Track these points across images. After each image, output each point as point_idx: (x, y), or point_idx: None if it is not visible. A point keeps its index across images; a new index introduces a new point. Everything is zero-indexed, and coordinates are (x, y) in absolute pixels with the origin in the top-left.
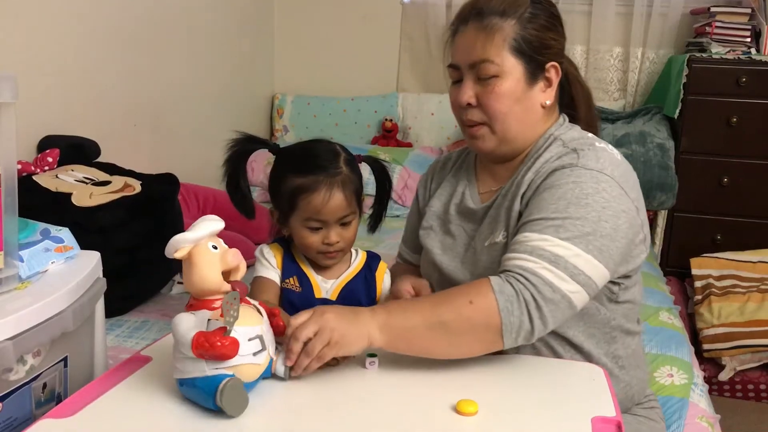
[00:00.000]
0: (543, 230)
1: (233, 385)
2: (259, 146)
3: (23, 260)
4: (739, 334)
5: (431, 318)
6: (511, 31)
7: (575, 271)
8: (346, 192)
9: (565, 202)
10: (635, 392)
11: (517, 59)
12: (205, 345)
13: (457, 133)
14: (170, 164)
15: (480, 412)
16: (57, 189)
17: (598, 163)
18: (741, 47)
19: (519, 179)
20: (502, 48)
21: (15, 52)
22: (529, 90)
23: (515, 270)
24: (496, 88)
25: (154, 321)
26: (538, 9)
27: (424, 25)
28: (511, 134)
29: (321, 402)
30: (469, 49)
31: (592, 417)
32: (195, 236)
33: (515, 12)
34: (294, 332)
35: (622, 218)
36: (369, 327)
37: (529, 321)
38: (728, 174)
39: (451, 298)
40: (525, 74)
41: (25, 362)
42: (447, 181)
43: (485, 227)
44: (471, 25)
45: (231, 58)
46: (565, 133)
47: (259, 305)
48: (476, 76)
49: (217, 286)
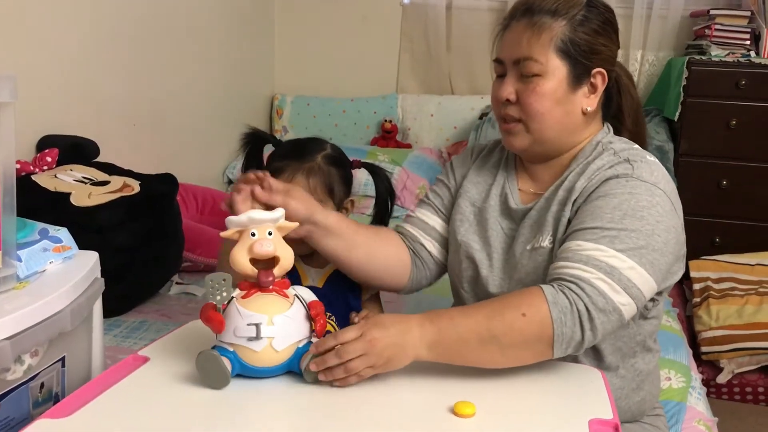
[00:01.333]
0: (598, 240)
1: (206, 356)
2: (268, 140)
3: (21, 260)
4: (737, 336)
5: (483, 333)
6: (560, 32)
7: (629, 283)
8: (311, 180)
9: (620, 213)
10: (647, 406)
11: (562, 60)
12: (201, 314)
13: (456, 135)
14: (169, 164)
15: (477, 414)
16: (56, 189)
17: (652, 177)
18: (740, 50)
19: (569, 185)
20: (548, 47)
21: (14, 51)
22: (571, 93)
23: (569, 279)
24: (537, 87)
25: (153, 321)
26: (592, 13)
27: (424, 26)
28: (546, 135)
29: (318, 403)
30: (514, 45)
31: (589, 419)
32: (237, 221)
33: (567, 13)
34: (339, 350)
35: (671, 234)
36: (417, 349)
37: (581, 332)
38: (727, 177)
39: (503, 311)
40: (568, 77)
41: (22, 362)
42: (487, 170)
43: (526, 229)
44: (520, 21)
45: (231, 59)
46: (614, 142)
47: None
48: (519, 72)
49: (241, 268)
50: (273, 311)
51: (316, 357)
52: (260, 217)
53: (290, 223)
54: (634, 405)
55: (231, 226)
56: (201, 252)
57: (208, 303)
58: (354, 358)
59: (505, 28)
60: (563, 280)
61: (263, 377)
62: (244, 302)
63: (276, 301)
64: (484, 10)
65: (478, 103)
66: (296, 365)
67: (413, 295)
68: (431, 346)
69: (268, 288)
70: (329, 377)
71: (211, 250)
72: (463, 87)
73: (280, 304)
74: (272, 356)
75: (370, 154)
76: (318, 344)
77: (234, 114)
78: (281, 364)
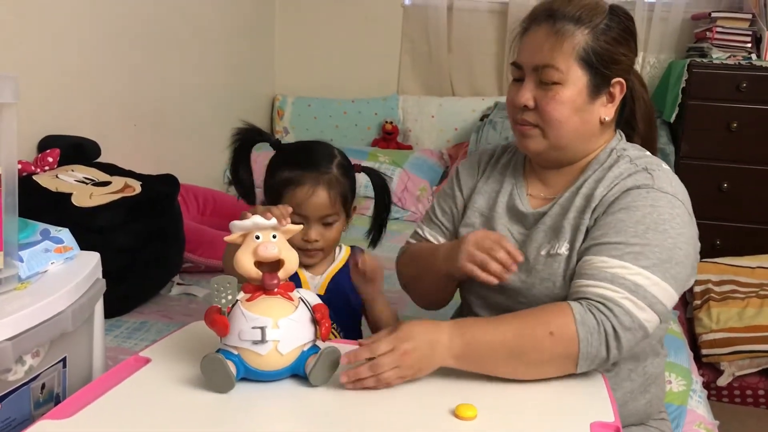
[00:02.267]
0: (623, 257)
1: (211, 359)
2: (262, 138)
3: (23, 260)
4: (737, 339)
5: (511, 349)
6: (582, 40)
7: (654, 300)
8: (331, 192)
9: (643, 227)
10: (654, 409)
11: (583, 70)
12: (206, 318)
13: (457, 136)
14: (170, 165)
15: (479, 416)
16: (57, 189)
17: (671, 187)
18: (741, 52)
19: (587, 192)
20: (570, 56)
21: (16, 52)
22: (590, 103)
23: (596, 299)
24: (556, 96)
25: (153, 322)
26: (614, 21)
27: (425, 27)
28: (563, 142)
29: (322, 406)
30: (535, 51)
31: (591, 422)
32: (242, 225)
33: (590, 21)
34: (372, 365)
35: (691, 245)
36: (445, 360)
37: (606, 351)
38: (728, 179)
39: (531, 328)
40: (588, 86)
41: (24, 363)
42: (493, 177)
43: (539, 234)
44: (542, 26)
45: (231, 59)
46: (628, 149)
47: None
48: (538, 79)
49: (246, 271)
50: (278, 314)
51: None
52: (265, 223)
53: (294, 226)
54: (641, 407)
55: (235, 231)
56: (202, 253)
57: (212, 306)
58: (387, 370)
59: (525, 32)
60: (590, 300)
61: (268, 380)
62: (249, 305)
63: (281, 304)
64: (485, 12)
65: (479, 105)
66: (301, 368)
67: None
68: (458, 358)
69: (272, 291)
70: (358, 386)
71: (212, 251)
72: (464, 88)
73: (285, 307)
74: (277, 360)
75: (371, 155)
76: (350, 356)
77: (235, 115)
78: (286, 368)
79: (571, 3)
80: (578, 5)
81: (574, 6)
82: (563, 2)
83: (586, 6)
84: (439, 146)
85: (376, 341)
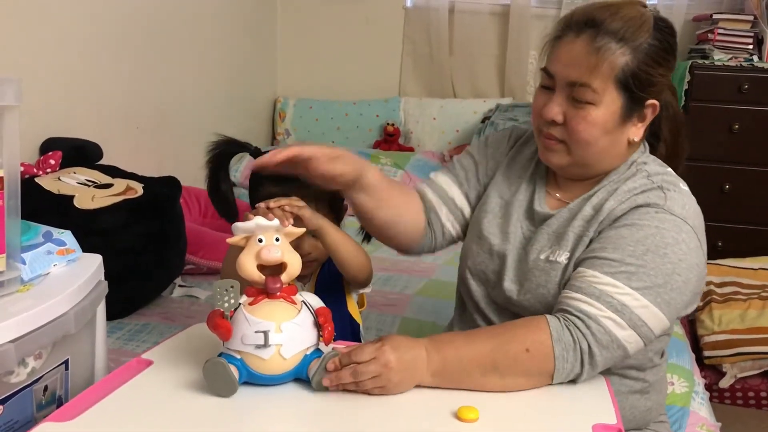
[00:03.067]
0: (615, 275)
1: (213, 364)
2: (239, 149)
3: (25, 263)
4: (739, 341)
5: (486, 365)
6: (623, 62)
7: (639, 322)
8: (319, 204)
9: (643, 248)
10: (654, 415)
11: (619, 92)
12: (208, 322)
13: (458, 138)
14: (172, 167)
15: (481, 419)
16: (59, 191)
17: (683, 210)
18: (743, 54)
19: (598, 203)
20: (608, 78)
21: (18, 54)
22: (621, 125)
23: (577, 313)
24: (588, 116)
25: (155, 324)
26: (657, 39)
27: (427, 29)
28: (587, 161)
29: (324, 410)
30: (571, 65)
31: (593, 424)
32: (244, 227)
33: (634, 41)
34: (354, 371)
35: (693, 272)
36: (423, 376)
37: (581, 367)
38: (730, 181)
39: (507, 344)
40: (622, 109)
41: (26, 365)
42: (520, 163)
43: (543, 236)
44: (581, 38)
45: (233, 62)
46: (648, 163)
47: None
48: (570, 94)
49: (248, 275)
50: (281, 318)
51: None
52: (268, 224)
53: (297, 229)
54: (640, 414)
55: (238, 233)
56: (204, 255)
57: (215, 310)
58: (366, 379)
59: (561, 38)
60: (571, 314)
61: (270, 385)
62: (252, 309)
63: (284, 307)
64: (486, 14)
65: (481, 107)
66: (304, 372)
67: (416, 297)
68: (435, 374)
69: (275, 295)
70: (339, 388)
71: (213, 253)
72: (465, 90)
73: (288, 310)
74: (280, 364)
75: (372, 157)
76: (333, 361)
77: (237, 117)
78: (289, 372)
79: (616, 14)
80: (623, 18)
81: (618, 19)
82: (607, 12)
83: (631, 20)
84: (441, 148)
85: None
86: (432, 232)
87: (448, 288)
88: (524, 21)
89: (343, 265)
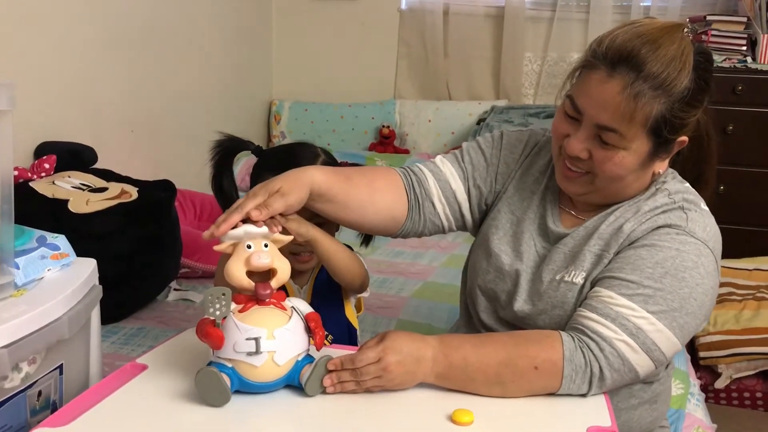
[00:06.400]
0: (632, 297)
1: (205, 374)
2: (242, 147)
3: (19, 268)
4: (735, 341)
5: (492, 377)
6: (658, 111)
7: (653, 347)
8: None
9: (662, 270)
10: (657, 424)
11: (649, 137)
12: (197, 331)
13: (453, 140)
14: (167, 170)
15: (476, 422)
16: (54, 195)
17: (704, 233)
18: (737, 55)
19: (617, 223)
20: (640, 127)
21: (12, 58)
22: (649, 163)
23: (592, 335)
24: (615, 157)
25: (151, 328)
26: (695, 81)
27: (422, 32)
28: (610, 192)
29: (318, 415)
30: (601, 107)
31: (588, 427)
32: (233, 234)
33: (672, 88)
34: (355, 372)
35: (709, 295)
36: (427, 377)
37: (588, 387)
38: (724, 182)
39: (516, 359)
40: (650, 151)
41: (20, 370)
42: (533, 175)
43: (558, 256)
44: (616, 79)
45: (228, 65)
46: (668, 182)
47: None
48: (597, 134)
49: (238, 281)
50: (273, 324)
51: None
52: (256, 231)
53: (285, 236)
54: (646, 425)
55: (226, 240)
56: (199, 258)
57: (204, 318)
58: (368, 380)
59: (592, 69)
60: (585, 334)
61: (262, 392)
62: (242, 316)
63: (275, 314)
64: (481, 16)
65: (476, 109)
66: (296, 379)
67: (412, 299)
68: (439, 377)
69: (265, 301)
70: (338, 390)
71: (209, 257)
72: (460, 93)
73: (279, 317)
74: (273, 371)
75: (368, 159)
76: (333, 362)
77: (232, 120)
78: (280, 379)
79: (656, 53)
80: (663, 59)
81: (659, 61)
82: (647, 49)
83: (672, 62)
84: (436, 150)
85: (363, 350)
86: (421, 218)
87: (444, 290)
88: (519, 23)
89: (337, 274)
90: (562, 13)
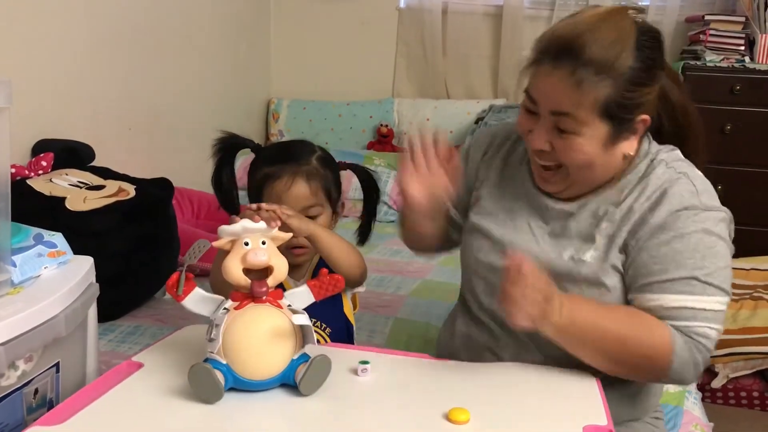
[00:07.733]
0: (702, 292)
1: (198, 369)
2: (243, 145)
3: (16, 265)
4: (732, 341)
5: (605, 352)
6: (605, 93)
7: (723, 317)
8: (311, 183)
9: (700, 255)
10: (652, 404)
11: (604, 120)
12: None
13: (452, 139)
14: (165, 168)
15: (472, 420)
16: (51, 193)
17: (714, 201)
18: (735, 55)
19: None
20: (591, 110)
21: (9, 55)
22: (612, 146)
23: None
24: (574, 144)
25: (147, 326)
26: (640, 60)
27: (421, 30)
28: (586, 180)
29: (313, 414)
30: (551, 96)
31: (584, 426)
32: (231, 230)
33: (614, 71)
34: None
35: (728, 251)
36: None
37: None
38: (722, 182)
39: (631, 346)
40: (609, 133)
41: (16, 368)
42: (510, 165)
43: (564, 237)
44: (560, 70)
45: (227, 62)
46: (661, 152)
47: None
48: (555, 124)
49: (234, 279)
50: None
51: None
52: (254, 227)
53: (284, 234)
54: (643, 410)
55: (224, 236)
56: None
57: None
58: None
59: (539, 64)
60: (692, 339)
61: (257, 390)
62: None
63: (270, 311)
64: (479, 15)
65: (474, 108)
66: (291, 377)
67: (411, 297)
68: (556, 331)
69: (261, 299)
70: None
71: (206, 255)
72: (459, 91)
73: (274, 315)
74: (267, 369)
75: (366, 158)
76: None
77: (230, 118)
78: (275, 377)
79: (595, 39)
80: (602, 44)
81: (597, 45)
82: (585, 36)
83: (611, 45)
84: None
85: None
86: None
87: (442, 288)
88: (517, 22)
89: (337, 266)
90: (560, 12)
